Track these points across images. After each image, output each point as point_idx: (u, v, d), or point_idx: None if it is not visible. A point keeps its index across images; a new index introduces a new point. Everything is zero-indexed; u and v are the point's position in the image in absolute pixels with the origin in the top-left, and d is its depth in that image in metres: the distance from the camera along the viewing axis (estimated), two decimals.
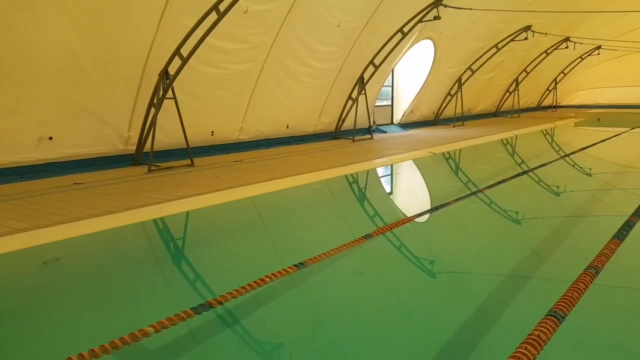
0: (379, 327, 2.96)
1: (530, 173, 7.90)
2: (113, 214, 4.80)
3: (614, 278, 3.43)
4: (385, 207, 6.18)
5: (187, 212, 5.30)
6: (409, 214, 5.26)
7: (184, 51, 7.11)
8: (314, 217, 5.61)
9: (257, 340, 2.82)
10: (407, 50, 12.33)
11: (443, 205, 5.59)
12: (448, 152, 10.01)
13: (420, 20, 10.71)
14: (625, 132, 13.42)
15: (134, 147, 7.85)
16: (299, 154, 9.08)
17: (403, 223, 4.87)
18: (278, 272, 3.27)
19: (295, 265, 3.42)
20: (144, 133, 7.66)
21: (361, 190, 7.40)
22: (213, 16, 6.89)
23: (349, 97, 11.30)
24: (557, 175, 8.09)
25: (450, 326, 2.91)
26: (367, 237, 4.21)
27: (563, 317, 2.47)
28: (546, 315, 2.46)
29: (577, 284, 2.87)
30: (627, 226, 4.22)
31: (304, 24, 9.12)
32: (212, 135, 9.08)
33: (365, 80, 11.07)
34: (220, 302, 2.88)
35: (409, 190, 7.34)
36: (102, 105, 7.19)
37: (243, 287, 2.99)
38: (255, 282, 3.08)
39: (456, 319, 2.99)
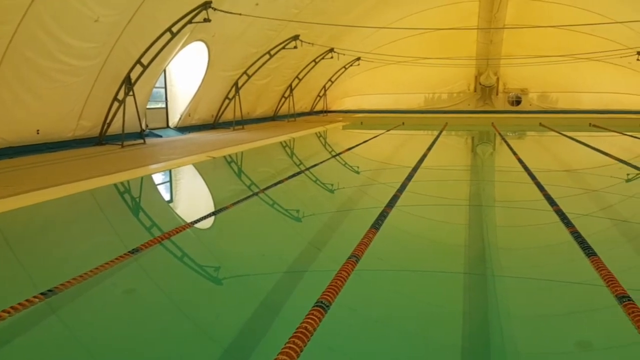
0: (157, 344, 2.77)
1: (306, 172, 8.48)
2: None
3: (372, 263, 3.86)
4: (162, 216, 5.87)
5: None
6: (189, 220, 5.07)
7: None
8: (71, 234, 4.97)
9: None
10: (178, 51, 12.06)
11: (225, 209, 5.57)
12: (230, 156, 10.10)
13: (190, 22, 10.60)
14: (383, 133, 15.58)
15: None
16: (54, 163, 8.00)
17: (182, 230, 4.68)
18: (19, 304, 2.79)
19: (42, 294, 2.96)
20: None
21: (134, 199, 6.89)
22: None
23: (115, 99, 10.48)
24: (329, 173, 8.86)
25: (233, 330, 2.89)
26: (137, 250, 3.90)
27: (328, 306, 2.64)
28: (313, 306, 2.59)
29: (341, 273, 3.12)
30: (382, 216, 4.83)
31: (53, 16, 8.07)
32: None
33: (132, 81, 10.41)
34: None
35: (187, 196, 7.13)
36: None
37: None
38: None
39: (238, 322, 2.97)
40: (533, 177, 7.06)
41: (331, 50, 19.01)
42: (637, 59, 19.23)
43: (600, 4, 17.16)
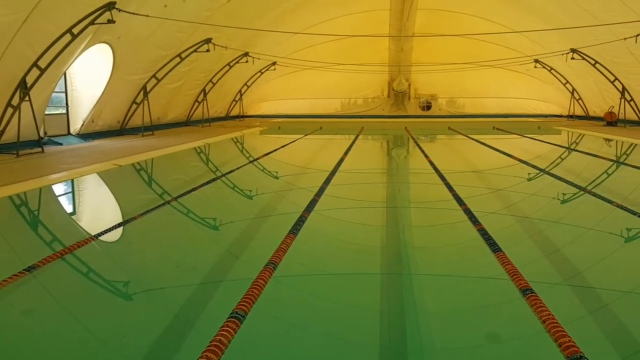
0: None
1: (222, 178, 8.31)
2: None
3: (291, 268, 3.85)
4: (63, 229, 5.45)
5: None
6: (93, 232, 4.77)
7: None
8: None
9: None
10: (80, 53, 11.39)
11: (133, 219, 5.30)
12: (138, 163, 9.66)
13: (92, 23, 10.09)
14: (301, 138, 15.68)
15: None
16: None
17: (86, 243, 4.38)
18: None
19: None
20: None
21: (31, 212, 6.38)
22: None
23: (9, 104, 9.68)
24: (246, 179, 8.75)
25: (142, 348, 2.75)
26: (33, 268, 3.59)
27: (244, 316, 2.58)
28: (228, 317, 2.52)
29: (258, 281, 3.07)
30: (300, 221, 4.83)
31: None
32: None
33: (28, 85, 9.68)
34: None
35: (91, 208, 6.70)
36: None
37: None
38: None
39: (149, 338, 2.84)
40: (443, 179, 7.41)
41: (246, 54, 18.87)
42: (535, 67, 20.98)
43: (501, 15, 18.51)
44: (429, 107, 24.38)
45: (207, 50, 15.38)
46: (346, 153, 10.99)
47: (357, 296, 3.59)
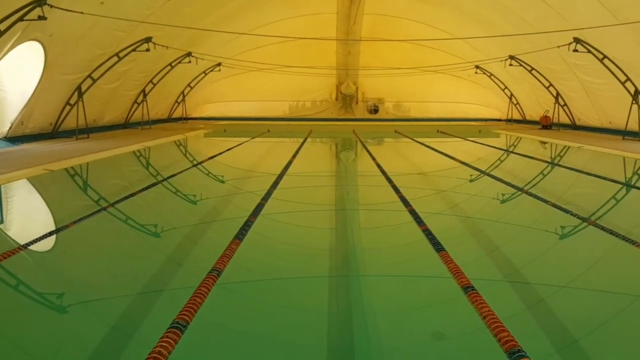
0: None
1: (164, 182, 8.12)
2: None
3: (237, 275, 3.79)
4: None
5: None
6: (22, 241, 4.53)
7: None
8: None
9: None
10: (7, 52, 10.78)
11: (66, 227, 5.07)
12: (72, 168, 9.25)
13: (21, 19, 9.59)
14: (248, 141, 15.54)
15: None
16: None
17: (14, 253, 4.15)
18: None
19: None
20: None
21: None
22: None
23: None
24: (189, 183, 8.58)
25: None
26: None
27: (185, 326, 2.51)
28: (168, 328, 2.45)
29: (200, 289, 3.00)
30: (247, 225, 4.78)
31: None
32: None
33: None
34: None
35: (20, 215, 6.34)
36: None
37: None
38: None
39: (84, 352, 2.73)
40: (390, 181, 7.55)
41: (188, 54, 18.50)
42: (476, 72, 21.82)
43: (444, 22, 19.12)
44: (376, 111, 24.79)
45: (147, 50, 14.97)
46: (294, 156, 10.99)
47: (305, 300, 3.59)
